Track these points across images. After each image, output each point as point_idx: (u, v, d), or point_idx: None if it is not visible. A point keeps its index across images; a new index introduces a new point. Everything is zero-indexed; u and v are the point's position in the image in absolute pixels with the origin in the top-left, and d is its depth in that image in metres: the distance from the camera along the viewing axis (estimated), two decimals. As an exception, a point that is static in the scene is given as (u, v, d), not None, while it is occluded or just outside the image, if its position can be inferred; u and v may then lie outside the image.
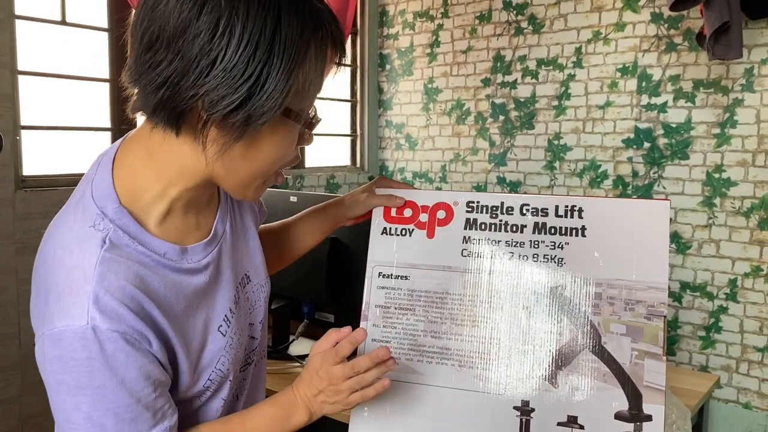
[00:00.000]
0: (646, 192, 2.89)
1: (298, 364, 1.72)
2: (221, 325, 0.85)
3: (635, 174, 2.92)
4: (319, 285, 1.73)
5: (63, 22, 2.41)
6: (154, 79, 0.67)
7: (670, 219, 2.83)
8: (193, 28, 0.65)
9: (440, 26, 3.51)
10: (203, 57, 0.65)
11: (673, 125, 2.81)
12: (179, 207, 0.79)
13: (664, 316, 0.88)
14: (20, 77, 2.27)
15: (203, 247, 0.83)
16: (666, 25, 2.80)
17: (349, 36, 3.44)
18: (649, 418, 0.87)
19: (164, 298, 0.76)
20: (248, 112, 0.67)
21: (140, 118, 0.76)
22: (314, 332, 1.90)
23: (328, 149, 3.70)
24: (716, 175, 2.71)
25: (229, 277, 0.87)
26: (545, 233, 0.94)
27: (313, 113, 0.78)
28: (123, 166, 0.77)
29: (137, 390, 0.72)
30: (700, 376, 1.95)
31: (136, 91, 0.71)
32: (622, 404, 0.88)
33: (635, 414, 0.88)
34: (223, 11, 0.65)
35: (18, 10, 2.25)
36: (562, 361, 0.91)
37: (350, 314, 1.78)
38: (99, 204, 0.74)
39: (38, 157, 2.38)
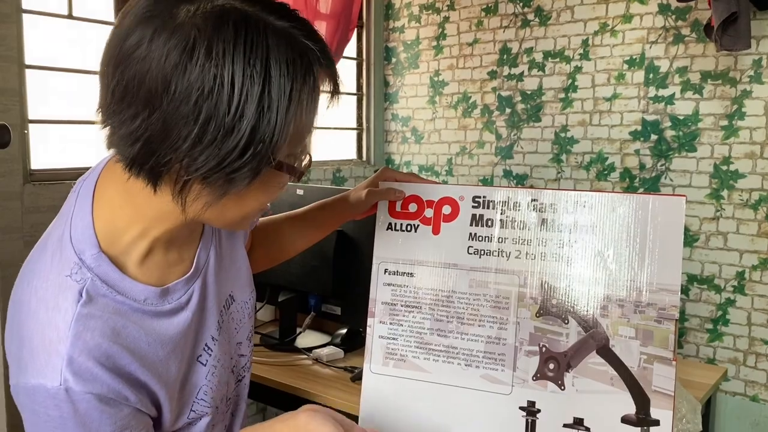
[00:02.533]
0: (653, 184, 2.88)
1: (304, 356, 1.73)
2: (200, 355, 0.82)
3: (642, 166, 2.90)
4: (326, 278, 1.74)
5: (70, 16, 2.42)
6: (129, 134, 0.62)
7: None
8: (179, 84, 0.58)
9: (446, 19, 3.50)
10: (187, 119, 0.59)
11: (681, 117, 2.80)
12: (160, 246, 0.75)
13: (676, 320, 0.85)
14: (27, 71, 2.27)
15: (184, 282, 0.79)
16: (673, 17, 2.78)
17: (355, 29, 3.43)
18: (656, 422, 0.86)
19: (143, 348, 0.73)
20: (232, 173, 0.62)
21: None
22: (321, 324, 1.91)
23: (334, 143, 3.69)
24: (724, 168, 2.70)
25: (213, 305, 0.84)
26: (553, 231, 0.91)
27: (304, 153, 0.71)
28: (102, 202, 0.73)
29: None
30: (707, 369, 1.94)
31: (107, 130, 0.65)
32: (630, 408, 0.87)
33: (642, 418, 0.86)
34: (212, 65, 0.58)
35: (25, 5, 2.25)
36: (569, 363, 0.89)
37: (356, 307, 1.79)
38: (77, 249, 0.70)
39: (46, 151, 2.39)
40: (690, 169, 2.79)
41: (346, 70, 3.71)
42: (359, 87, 3.79)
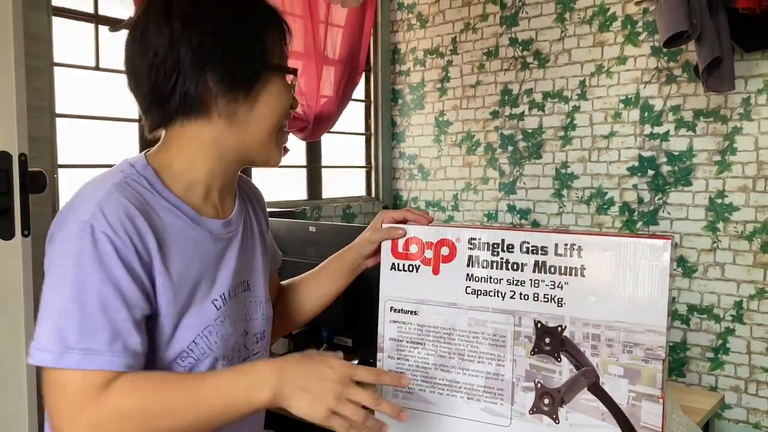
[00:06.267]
0: (651, 218, 2.98)
1: (318, 385, 1.81)
2: (216, 300, 0.91)
3: (641, 200, 3.01)
4: (337, 311, 1.81)
5: (96, 68, 2.59)
6: (166, 85, 0.86)
7: (676, 244, 2.92)
8: (176, 35, 0.86)
9: (450, 62, 3.67)
10: (193, 49, 0.86)
11: (676, 153, 2.91)
12: (203, 184, 0.92)
13: (663, 360, 0.88)
14: (58, 120, 2.43)
15: (218, 225, 0.94)
16: (665, 58, 2.92)
17: (363, 73, 3.60)
18: None
19: (163, 233, 0.85)
20: (243, 74, 0.88)
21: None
22: (333, 355, 1.99)
23: (344, 180, 3.84)
24: (719, 201, 2.80)
25: (231, 267, 0.95)
26: (545, 272, 0.94)
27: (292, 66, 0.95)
28: (154, 159, 0.92)
29: (108, 301, 0.77)
30: (705, 395, 2.01)
31: (150, 113, 0.90)
32: None
33: None
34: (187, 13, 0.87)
35: (56, 58, 2.42)
36: (562, 398, 0.93)
37: (367, 339, 1.87)
38: (130, 161, 0.90)
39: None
40: (686, 202, 2.89)
41: (355, 111, 3.87)
42: (368, 127, 3.95)
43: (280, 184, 3.41)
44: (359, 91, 3.77)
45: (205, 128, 0.90)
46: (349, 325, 1.86)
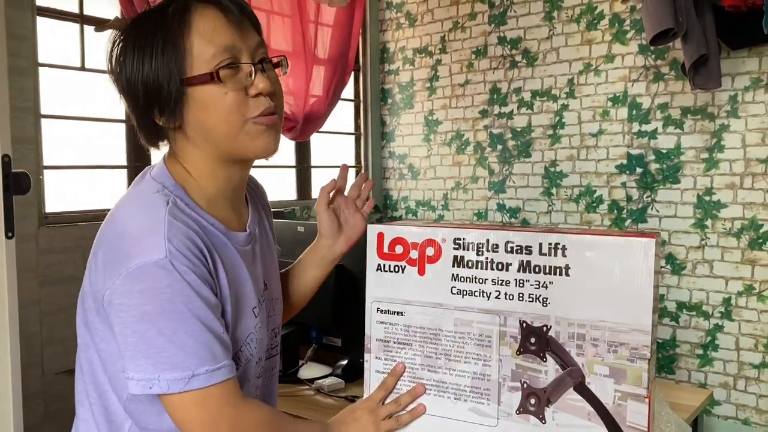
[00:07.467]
0: (640, 215, 3.00)
1: (307, 386, 1.80)
2: (255, 307, 0.96)
3: (629, 198, 3.02)
4: (326, 311, 1.81)
5: (82, 68, 2.57)
6: (137, 118, 0.93)
7: (664, 241, 2.93)
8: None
9: (439, 61, 3.67)
10: (123, 92, 0.92)
11: (664, 151, 2.93)
12: (219, 197, 0.94)
13: (648, 359, 0.88)
14: (43, 120, 2.41)
15: (244, 237, 0.97)
16: (653, 56, 2.93)
17: (352, 73, 3.59)
18: None
19: (213, 251, 0.89)
20: (160, 100, 0.87)
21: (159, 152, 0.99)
22: (322, 356, 1.98)
23: (333, 180, 3.82)
24: (707, 198, 2.82)
25: (257, 273, 0.99)
26: (530, 272, 0.94)
27: (223, 64, 0.87)
28: (176, 175, 0.94)
29: (208, 320, 0.83)
30: (694, 391, 2.01)
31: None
32: None
33: None
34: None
35: (41, 58, 2.40)
36: (548, 398, 0.93)
37: (356, 339, 1.86)
38: (158, 180, 0.90)
39: (60, 195, 2.51)
40: (674, 200, 2.90)
41: (345, 111, 3.86)
42: (357, 127, 3.94)
43: (269, 183, 3.40)
44: (348, 91, 3.76)
45: (186, 144, 0.92)
46: (338, 325, 1.85)
